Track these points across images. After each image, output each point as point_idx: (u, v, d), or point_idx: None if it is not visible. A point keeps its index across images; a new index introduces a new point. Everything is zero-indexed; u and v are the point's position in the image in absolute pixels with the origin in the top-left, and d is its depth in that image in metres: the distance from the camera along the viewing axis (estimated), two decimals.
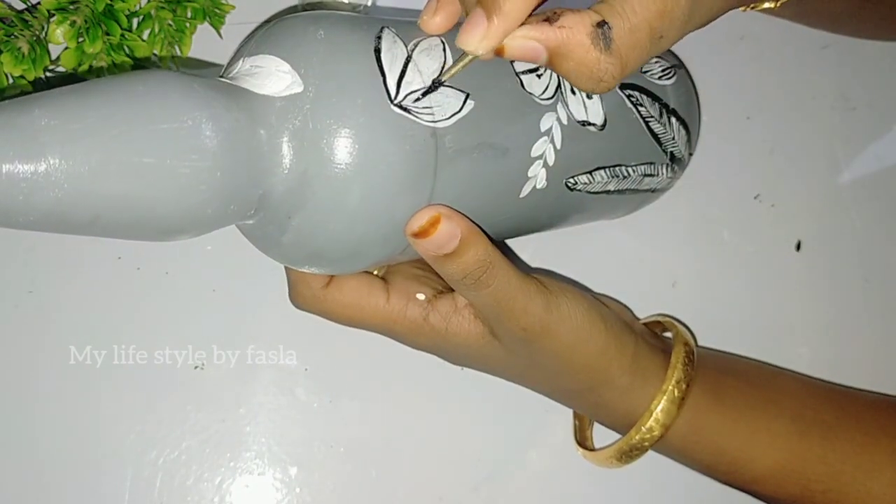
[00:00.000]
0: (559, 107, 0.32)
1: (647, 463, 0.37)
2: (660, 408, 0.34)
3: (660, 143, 0.37)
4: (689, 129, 0.39)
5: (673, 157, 0.38)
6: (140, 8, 0.39)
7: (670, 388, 0.35)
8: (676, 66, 0.39)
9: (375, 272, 0.35)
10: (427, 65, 0.29)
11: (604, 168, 0.35)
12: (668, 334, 0.40)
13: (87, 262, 0.40)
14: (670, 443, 0.36)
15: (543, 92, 0.32)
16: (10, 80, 0.37)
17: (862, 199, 0.47)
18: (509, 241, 0.43)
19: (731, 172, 0.46)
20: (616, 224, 0.44)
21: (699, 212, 0.45)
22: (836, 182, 0.48)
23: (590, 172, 0.34)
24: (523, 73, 0.32)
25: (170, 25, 0.39)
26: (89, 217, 0.24)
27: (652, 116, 0.36)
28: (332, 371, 0.41)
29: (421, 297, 0.33)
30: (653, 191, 0.39)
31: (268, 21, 0.31)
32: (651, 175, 0.37)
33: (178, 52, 0.40)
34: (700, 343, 0.43)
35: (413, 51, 0.29)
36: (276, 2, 0.43)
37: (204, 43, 0.42)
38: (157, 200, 0.25)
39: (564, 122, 0.32)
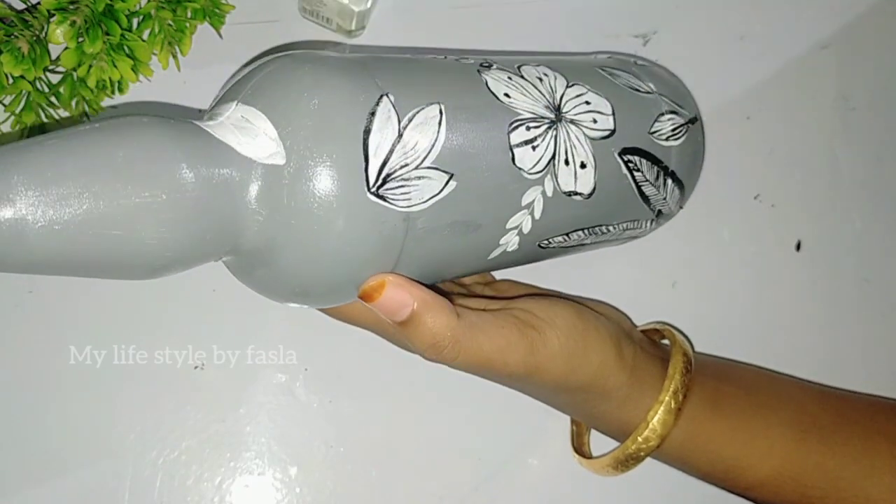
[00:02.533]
0: (547, 180, 0.32)
1: (648, 466, 0.37)
2: (657, 418, 0.34)
3: (648, 204, 0.36)
4: (685, 187, 0.38)
5: (660, 214, 0.38)
6: (140, 8, 0.39)
7: (667, 398, 0.34)
8: (690, 121, 0.38)
9: None
10: (418, 144, 0.28)
11: (583, 229, 0.35)
12: (666, 341, 0.40)
13: None
14: (667, 451, 0.36)
15: (534, 166, 0.31)
16: (11, 81, 0.37)
17: (862, 199, 0.47)
18: None
19: (731, 172, 0.46)
20: None
21: (699, 212, 0.45)
22: (836, 182, 0.48)
23: (566, 234, 0.34)
24: (518, 145, 0.31)
25: (170, 25, 0.39)
26: (54, 270, 0.25)
27: (647, 181, 0.36)
28: (332, 371, 0.41)
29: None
30: (633, 237, 0.39)
31: (275, 50, 0.31)
32: (633, 229, 0.37)
33: (179, 52, 0.40)
34: (699, 343, 0.43)
35: (406, 127, 0.28)
36: (276, 2, 0.43)
37: (204, 43, 0.42)
38: (118, 264, 0.25)
39: (549, 194, 0.32)
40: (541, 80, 0.33)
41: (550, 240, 0.34)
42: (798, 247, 0.47)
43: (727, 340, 0.43)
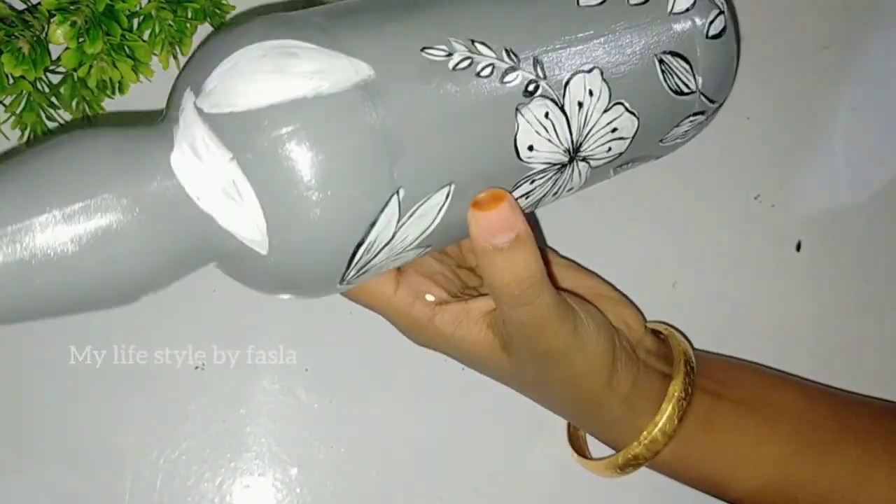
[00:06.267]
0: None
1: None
2: (648, 440, 0.35)
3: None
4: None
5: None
6: (140, 8, 0.39)
7: (662, 420, 0.35)
8: (712, 113, 0.36)
9: None
10: (407, 237, 0.28)
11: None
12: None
13: None
14: (654, 464, 0.36)
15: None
16: (11, 81, 0.37)
17: (862, 199, 0.47)
18: None
19: (731, 172, 0.46)
20: (615, 224, 0.44)
21: (699, 212, 0.45)
22: (836, 182, 0.48)
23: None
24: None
25: (170, 26, 0.39)
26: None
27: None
28: (332, 371, 0.41)
29: (430, 297, 0.33)
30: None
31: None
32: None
33: (179, 53, 0.40)
34: (699, 343, 0.42)
35: (402, 224, 0.27)
36: (275, 2, 0.43)
37: None
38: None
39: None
40: (581, 105, 0.30)
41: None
42: (798, 247, 0.47)
43: (727, 340, 0.43)
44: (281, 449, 0.41)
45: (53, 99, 0.39)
